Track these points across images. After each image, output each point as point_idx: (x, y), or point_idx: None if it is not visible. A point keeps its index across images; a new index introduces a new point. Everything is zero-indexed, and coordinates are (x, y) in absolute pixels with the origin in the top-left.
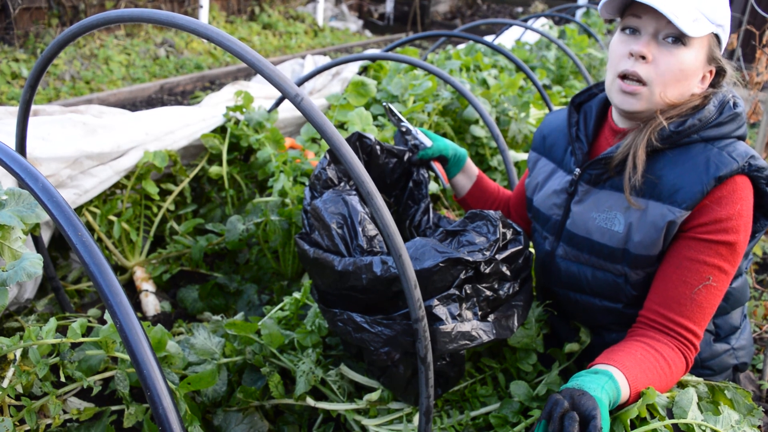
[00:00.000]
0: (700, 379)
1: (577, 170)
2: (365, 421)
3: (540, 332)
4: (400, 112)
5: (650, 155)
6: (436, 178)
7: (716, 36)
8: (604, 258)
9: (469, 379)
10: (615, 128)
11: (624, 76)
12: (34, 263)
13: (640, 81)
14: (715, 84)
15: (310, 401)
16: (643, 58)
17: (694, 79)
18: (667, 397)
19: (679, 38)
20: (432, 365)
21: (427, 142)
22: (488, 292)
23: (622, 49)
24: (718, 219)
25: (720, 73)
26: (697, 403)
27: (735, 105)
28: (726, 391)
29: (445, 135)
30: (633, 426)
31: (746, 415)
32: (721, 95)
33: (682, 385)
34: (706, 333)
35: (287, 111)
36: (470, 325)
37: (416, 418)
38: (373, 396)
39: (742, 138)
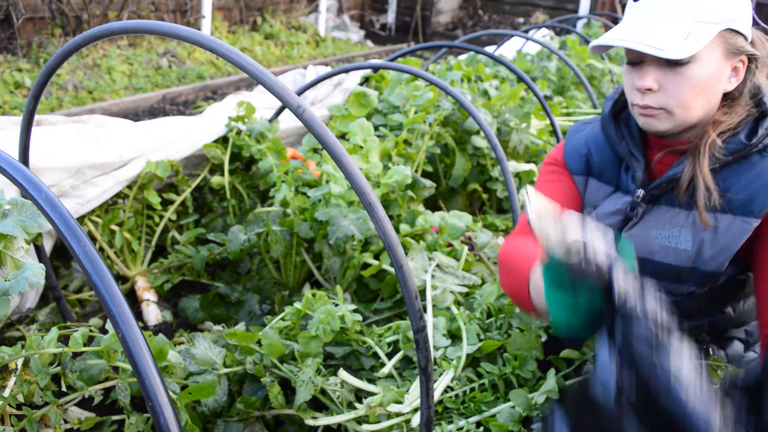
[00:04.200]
0: None
1: (640, 191)
2: (366, 427)
3: (539, 339)
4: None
5: (715, 169)
6: None
7: (731, 29)
8: (668, 279)
9: (469, 384)
10: (660, 142)
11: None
12: (36, 273)
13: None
14: (751, 71)
15: (309, 421)
16: (649, 89)
17: (718, 82)
18: None
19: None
20: (432, 376)
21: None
22: None
23: (628, 83)
24: None
25: (752, 60)
26: None
27: None
28: None
29: (446, 146)
30: None
31: None
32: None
33: None
34: (737, 341)
35: (289, 121)
36: None
37: (414, 419)
38: (374, 400)
39: None
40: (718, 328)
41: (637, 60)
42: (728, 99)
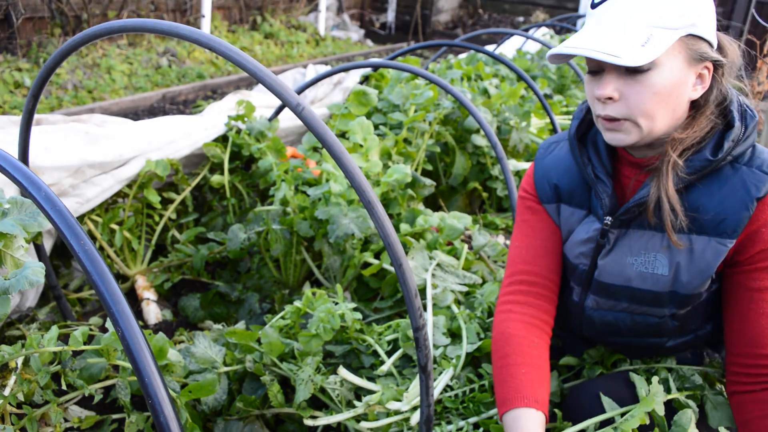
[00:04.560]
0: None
1: (608, 219)
2: (364, 424)
3: None
4: None
5: (682, 188)
6: None
7: (692, 34)
8: (647, 304)
9: (468, 384)
10: (631, 159)
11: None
12: (36, 272)
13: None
14: (717, 79)
15: (308, 421)
16: (610, 98)
17: (681, 90)
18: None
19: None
20: (432, 374)
21: None
22: None
23: (589, 93)
24: None
25: (718, 66)
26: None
27: (752, 111)
28: None
29: (446, 144)
30: None
31: None
32: (735, 102)
33: (681, 405)
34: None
35: (289, 120)
36: None
37: (413, 418)
38: (373, 398)
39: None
40: (707, 340)
41: (596, 69)
42: (694, 108)
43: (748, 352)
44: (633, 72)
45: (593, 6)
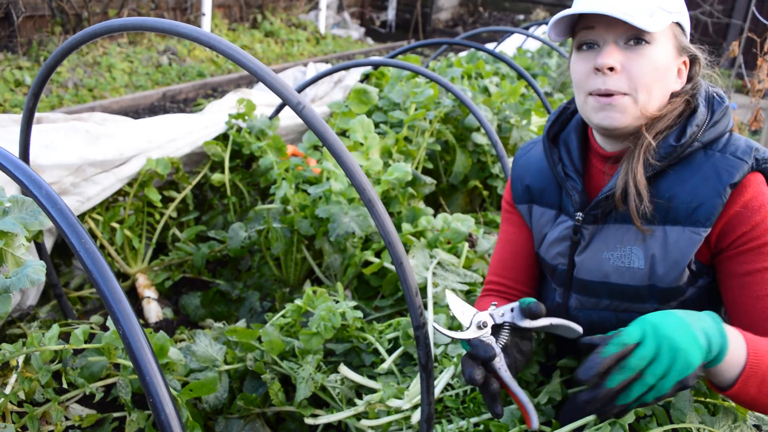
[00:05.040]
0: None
1: (579, 215)
2: (365, 422)
3: (540, 343)
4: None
5: (653, 177)
6: None
7: (678, 24)
8: (629, 300)
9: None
10: (604, 153)
11: (597, 94)
12: (37, 270)
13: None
14: (692, 76)
15: (309, 420)
16: (611, 69)
17: (670, 75)
18: None
19: (641, 38)
20: (433, 372)
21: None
22: None
23: (585, 67)
24: (753, 225)
25: (694, 62)
26: (694, 404)
27: (720, 97)
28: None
29: (446, 143)
30: (632, 429)
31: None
32: (704, 91)
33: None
34: None
35: (289, 119)
36: None
37: (414, 416)
38: (374, 397)
39: (731, 129)
40: None
41: (592, 41)
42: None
43: None
44: (634, 44)
45: None
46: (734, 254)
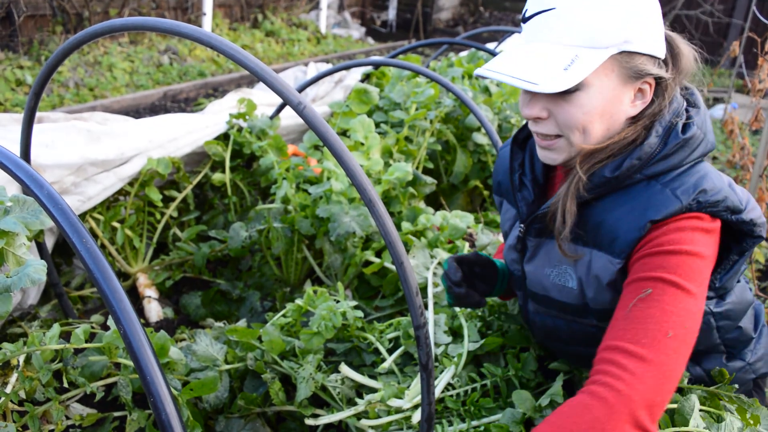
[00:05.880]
0: (699, 385)
1: (522, 227)
2: (365, 422)
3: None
4: None
5: (591, 200)
6: None
7: (629, 51)
8: (572, 313)
9: (470, 383)
10: (563, 168)
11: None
12: (37, 269)
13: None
14: (660, 96)
15: (309, 421)
16: (539, 118)
17: (615, 108)
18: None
19: None
20: (433, 372)
21: None
22: None
23: (521, 110)
24: (658, 241)
25: (660, 81)
26: (699, 410)
27: (685, 128)
28: (727, 401)
29: (447, 143)
30: None
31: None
32: (666, 120)
33: (682, 391)
34: (716, 356)
35: (290, 118)
36: None
37: (414, 416)
38: (375, 396)
39: (700, 160)
40: None
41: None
42: (632, 120)
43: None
44: (562, 92)
45: (524, 20)
46: (630, 266)
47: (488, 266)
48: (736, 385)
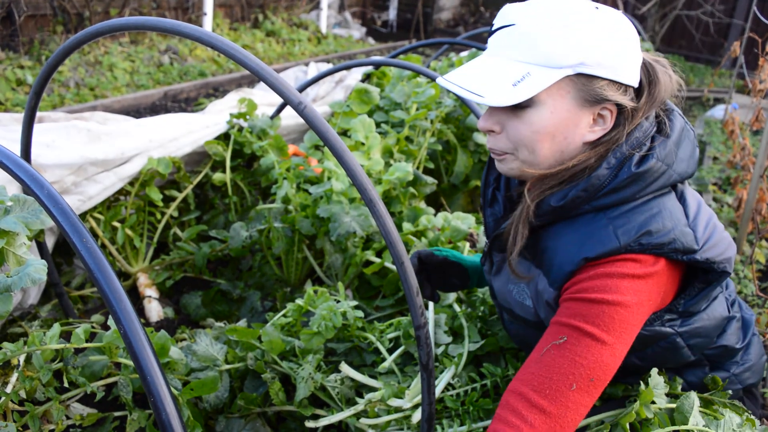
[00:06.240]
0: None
1: (487, 242)
2: (365, 421)
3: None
4: None
5: (543, 224)
6: None
7: (588, 75)
8: (536, 328)
9: (470, 383)
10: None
11: None
12: (38, 269)
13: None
14: (626, 119)
15: (309, 423)
16: (492, 131)
17: (569, 131)
18: (666, 395)
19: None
20: (434, 372)
21: None
22: None
23: (478, 123)
24: (584, 285)
25: (623, 110)
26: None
27: (643, 160)
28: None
29: (447, 143)
30: (633, 429)
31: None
32: (622, 150)
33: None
34: (699, 368)
35: (290, 118)
36: None
37: (415, 416)
38: (375, 395)
39: (665, 192)
40: (630, 371)
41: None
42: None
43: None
44: (515, 107)
45: (489, 34)
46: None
47: (454, 266)
48: (730, 391)
